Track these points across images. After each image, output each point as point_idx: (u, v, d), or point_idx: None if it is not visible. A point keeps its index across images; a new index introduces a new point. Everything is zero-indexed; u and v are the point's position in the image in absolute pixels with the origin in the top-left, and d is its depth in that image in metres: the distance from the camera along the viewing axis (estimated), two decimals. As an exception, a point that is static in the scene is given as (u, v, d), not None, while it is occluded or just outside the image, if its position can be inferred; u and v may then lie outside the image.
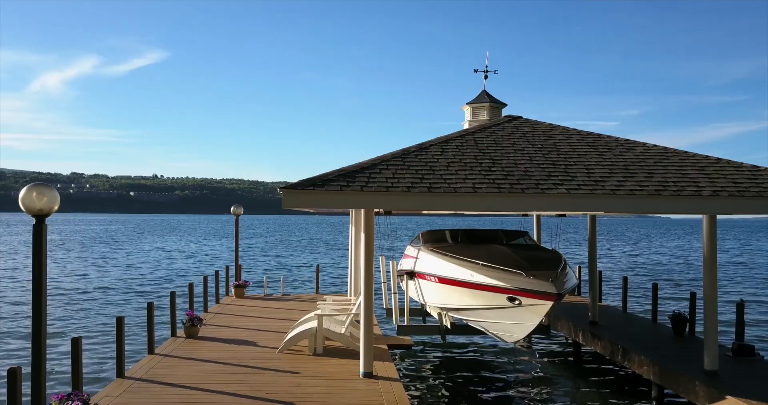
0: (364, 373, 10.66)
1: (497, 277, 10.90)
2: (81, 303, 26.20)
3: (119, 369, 10.59)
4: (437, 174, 9.03)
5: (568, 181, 9.02)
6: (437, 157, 9.89)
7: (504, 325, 11.79)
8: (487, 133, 11.63)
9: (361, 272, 10.87)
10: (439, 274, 13.03)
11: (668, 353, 12.60)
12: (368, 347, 10.72)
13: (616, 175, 9.35)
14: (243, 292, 20.40)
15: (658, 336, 14.50)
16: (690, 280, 37.72)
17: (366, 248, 10.68)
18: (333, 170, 8.89)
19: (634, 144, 11.06)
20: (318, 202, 8.26)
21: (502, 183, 8.83)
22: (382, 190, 8.33)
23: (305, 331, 12.51)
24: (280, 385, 10.17)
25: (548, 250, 12.87)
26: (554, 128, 12.08)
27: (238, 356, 12.05)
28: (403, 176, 8.87)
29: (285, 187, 8.24)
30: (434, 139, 10.97)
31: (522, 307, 10.81)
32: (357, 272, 18.18)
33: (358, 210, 16.76)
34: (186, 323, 13.82)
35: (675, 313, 14.93)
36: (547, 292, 10.15)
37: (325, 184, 8.33)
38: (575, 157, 10.15)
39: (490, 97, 15.18)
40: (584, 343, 15.31)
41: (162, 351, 12.43)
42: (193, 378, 10.49)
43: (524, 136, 11.47)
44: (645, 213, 9.09)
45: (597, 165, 9.78)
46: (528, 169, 9.46)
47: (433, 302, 14.19)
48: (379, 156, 9.70)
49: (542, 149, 10.56)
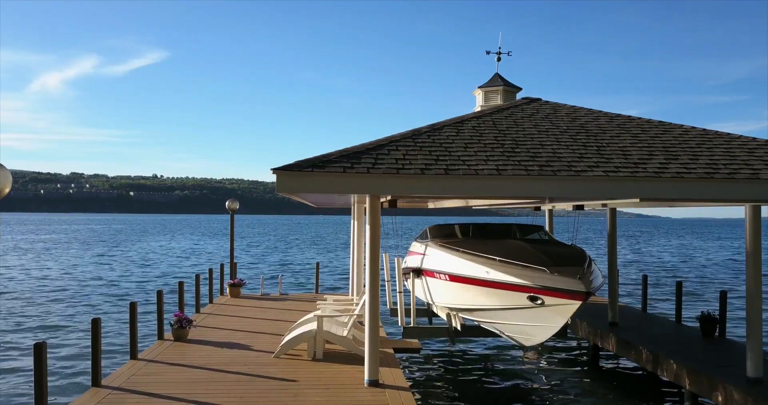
0: (369, 381, 9.54)
1: (517, 274, 9.76)
2: (69, 301, 25.06)
3: (95, 377, 9.45)
4: (454, 155, 7.88)
5: (603, 163, 7.88)
6: (452, 138, 8.73)
7: (523, 327, 10.64)
8: (505, 115, 10.48)
9: (366, 269, 9.74)
10: (450, 272, 11.88)
11: (700, 357, 11.54)
12: (374, 352, 9.59)
13: (657, 157, 8.21)
14: (238, 292, 19.27)
15: (685, 338, 13.44)
16: (698, 280, 36.58)
17: (371, 241, 9.54)
18: (335, 151, 7.75)
19: (669, 126, 9.92)
20: (317, 186, 7.12)
21: (529, 165, 7.68)
22: (392, 172, 7.18)
23: (304, 334, 11.38)
24: (275, 395, 9.04)
25: (568, 246, 11.71)
26: (578, 110, 10.94)
27: (229, 361, 10.92)
28: (415, 157, 7.72)
29: (279, 168, 7.09)
30: (447, 119, 9.81)
31: (545, 307, 9.66)
32: (360, 270, 17.06)
33: (361, 203, 15.60)
34: (174, 325, 12.70)
35: (704, 314, 13.84)
36: (575, 291, 9.00)
37: (325, 166, 7.19)
38: (607, 138, 9.00)
39: (503, 81, 14.04)
40: (603, 346, 14.21)
41: (146, 356, 11.30)
42: (177, 387, 9.36)
43: (547, 118, 10.32)
44: (693, 200, 7.94)
45: (633, 147, 8.62)
46: (556, 150, 8.31)
47: (442, 302, 13.04)
48: (387, 137, 8.56)
49: (568, 131, 9.41)
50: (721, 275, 40.03)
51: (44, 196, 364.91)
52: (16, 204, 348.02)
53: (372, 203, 9.65)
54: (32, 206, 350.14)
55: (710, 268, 45.30)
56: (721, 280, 36.63)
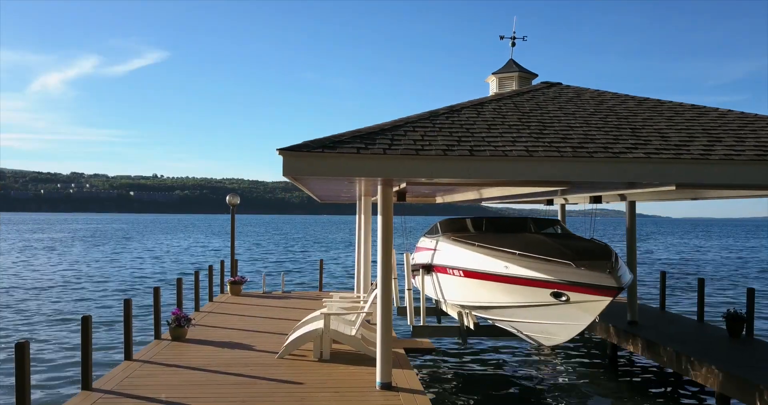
0: (382, 383, 8.84)
1: (539, 269, 9.04)
2: (68, 299, 24.35)
3: (85, 379, 8.74)
4: (477, 137, 7.16)
5: (642, 145, 7.17)
6: (473, 120, 8.02)
7: (544, 326, 9.90)
8: (526, 98, 9.76)
9: (378, 263, 9.04)
10: (464, 267, 11.16)
11: (731, 358, 10.85)
12: (386, 352, 8.88)
13: (699, 139, 7.50)
14: (239, 290, 18.55)
15: (712, 337, 12.74)
16: (708, 278, 35.86)
17: (383, 233, 8.83)
18: (346, 131, 7.04)
19: (704, 109, 9.21)
20: (328, 169, 6.41)
21: (561, 146, 6.96)
22: (411, 154, 6.46)
23: (309, 333, 10.67)
24: (280, 398, 8.33)
25: (589, 240, 10.97)
26: (603, 93, 10.22)
27: (230, 362, 10.21)
28: (435, 138, 7.00)
29: (286, 148, 6.38)
30: (465, 102, 9.10)
31: (570, 304, 8.93)
32: (367, 266, 16.35)
33: (368, 196, 14.88)
34: (171, 323, 11.99)
35: (731, 312, 13.14)
36: (605, 286, 8.27)
37: (337, 146, 6.48)
38: (640, 121, 8.29)
39: (518, 67, 13.32)
40: (622, 346, 13.51)
41: (141, 356, 10.59)
42: (174, 390, 8.65)
43: (571, 101, 9.60)
44: (738, 187, 7.24)
45: (670, 129, 7.91)
46: (588, 132, 7.59)
47: (455, 299, 12.32)
48: (401, 118, 7.84)
49: (597, 113, 8.69)
50: (722, 273, 39.30)
51: (44, 196, 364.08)
52: (16, 204, 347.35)
53: (384, 192, 8.94)
54: (32, 206, 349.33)
55: (716, 266, 44.57)
56: (730, 279, 35.92)
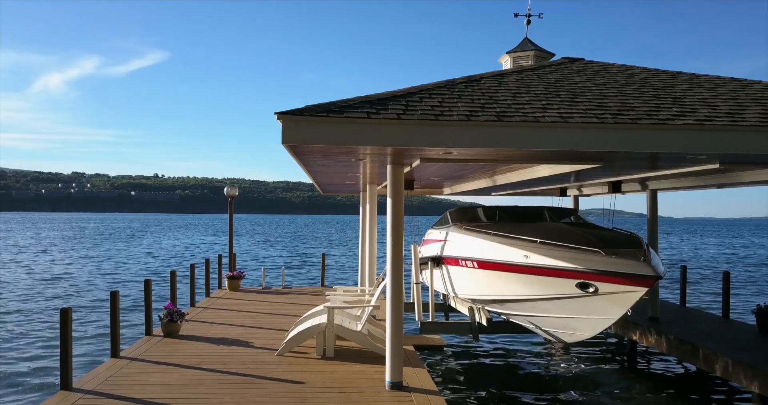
0: (392, 383, 8.01)
1: (564, 257, 8.19)
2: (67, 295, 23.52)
3: (64, 378, 7.90)
4: (502, 104, 6.33)
5: (689, 113, 6.34)
6: (495, 89, 7.18)
7: (567, 321, 9.06)
8: (548, 70, 8.92)
9: (387, 254, 8.21)
10: (479, 258, 10.32)
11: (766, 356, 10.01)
12: (397, 349, 8.05)
13: (751, 108, 6.67)
14: (238, 285, 17.73)
15: (741, 334, 11.94)
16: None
17: (393, 220, 8.00)
18: (355, 97, 6.21)
19: (746, 81, 8.38)
20: (333, 137, 5.58)
21: (599, 113, 6.13)
22: (429, 119, 5.63)
23: (312, 329, 9.84)
24: (279, 399, 7.50)
25: (612, 229, 10.10)
26: (631, 67, 9.39)
27: (225, 360, 9.38)
28: (455, 105, 6.17)
29: (285, 112, 5.55)
30: (484, 72, 8.27)
31: (598, 296, 8.08)
32: (372, 259, 15.54)
33: (373, 183, 14.03)
34: (163, 318, 11.17)
35: (762, 307, 12.32)
36: (640, 275, 7.43)
37: (344, 111, 5.65)
38: (679, 91, 7.46)
39: (534, 45, 12.48)
40: (642, 342, 12.70)
41: (130, 353, 9.77)
42: (163, 390, 7.82)
43: (598, 73, 8.76)
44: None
45: (715, 99, 7.09)
46: (626, 101, 6.76)
47: (467, 293, 11.48)
48: (416, 85, 7.02)
49: (629, 85, 7.86)
50: (734, 269, 38.45)
51: (46, 195, 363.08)
52: (17, 203, 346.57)
53: (394, 172, 8.12)
54: (33, 206, 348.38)
55: (719, 262, 43.71)
56: (745, 276, 35.07)
